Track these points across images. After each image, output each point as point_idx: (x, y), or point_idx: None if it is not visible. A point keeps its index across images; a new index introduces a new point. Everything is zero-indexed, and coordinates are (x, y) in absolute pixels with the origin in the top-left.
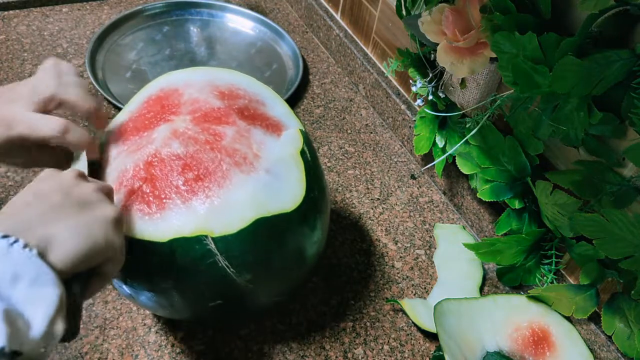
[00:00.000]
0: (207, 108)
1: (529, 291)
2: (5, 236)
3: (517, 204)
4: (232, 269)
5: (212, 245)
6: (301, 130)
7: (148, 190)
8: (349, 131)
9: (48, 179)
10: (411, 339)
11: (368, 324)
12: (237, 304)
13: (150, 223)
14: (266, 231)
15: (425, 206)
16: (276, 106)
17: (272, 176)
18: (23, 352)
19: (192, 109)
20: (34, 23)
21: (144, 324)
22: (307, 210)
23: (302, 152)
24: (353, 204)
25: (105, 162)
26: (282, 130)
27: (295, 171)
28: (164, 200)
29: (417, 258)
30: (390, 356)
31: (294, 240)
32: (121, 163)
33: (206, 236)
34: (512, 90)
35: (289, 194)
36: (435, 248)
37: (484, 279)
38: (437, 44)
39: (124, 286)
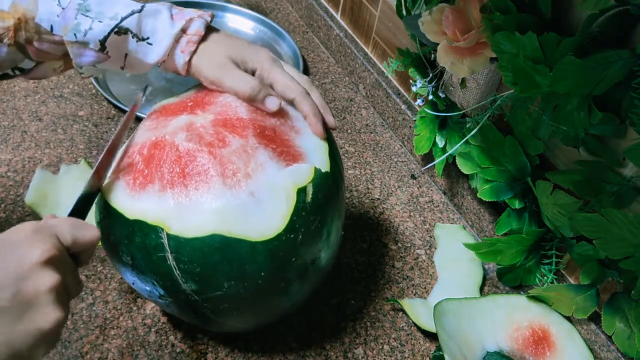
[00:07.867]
0: (231, 115)
1: (529, 291)
2: None
3: (517, 204)
4: (178, 272)
5: (165, 241)
6: (317, 170)
7: (141, 168)
8: (349, 131)
9: (11, 252)
10: (411, 338)
11: (368, 323)
12: (189, 312)
13: (127, 197)
14: (222, 251)
15: (426, 206)
16: (311, 140)
17: (253, 200)
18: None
19: (219, 111)
20: None
21: (144, 324)
22: (280, 250)
23: (300, 191)
24: (353, 204)
25: (136, 131)
26: (298, 163)
27: (281, 205)
28: (147, 182)
29: (417, 258)
30: (390, 356)
31: (255, 274)
32: (138, 135)
33: (162, 229)
34: (512, 90)
35: (262, 224)
36: (436, 248)
37: (484, 279)
38: (437, 44)
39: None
